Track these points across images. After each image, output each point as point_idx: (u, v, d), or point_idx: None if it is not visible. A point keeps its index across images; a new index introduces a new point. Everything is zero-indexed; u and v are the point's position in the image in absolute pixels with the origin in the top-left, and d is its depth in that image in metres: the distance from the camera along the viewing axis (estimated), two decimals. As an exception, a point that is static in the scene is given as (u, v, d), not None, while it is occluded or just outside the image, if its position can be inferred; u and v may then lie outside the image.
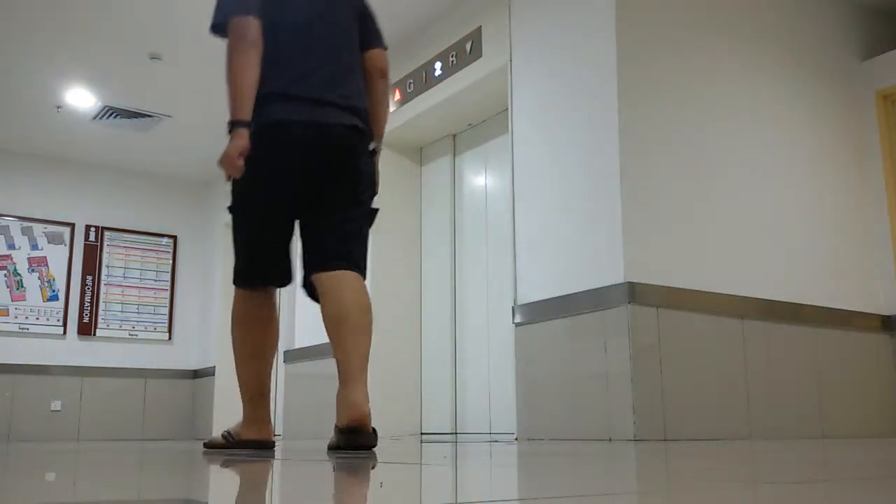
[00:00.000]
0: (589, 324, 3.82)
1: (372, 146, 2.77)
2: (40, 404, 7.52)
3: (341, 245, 2.63)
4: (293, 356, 6.54)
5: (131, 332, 8.07)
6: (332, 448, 2.50)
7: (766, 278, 4.22)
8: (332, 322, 2.61)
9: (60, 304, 7.82)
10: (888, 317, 4.68)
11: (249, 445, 2.65)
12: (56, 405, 7.61)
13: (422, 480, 1.59)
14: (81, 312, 7.89)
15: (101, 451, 3.54)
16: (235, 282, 2.74)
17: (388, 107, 2.88)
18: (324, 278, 2.62)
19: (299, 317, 6.61)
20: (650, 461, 2.07)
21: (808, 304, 4.36)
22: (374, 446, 2.45)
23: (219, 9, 2.65)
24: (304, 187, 2.63)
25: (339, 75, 2.67)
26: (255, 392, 2.70)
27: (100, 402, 7.76)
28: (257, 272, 2.71)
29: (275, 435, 2.71)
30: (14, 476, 1.80)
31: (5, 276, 7.64)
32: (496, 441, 4.18)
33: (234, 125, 2.49)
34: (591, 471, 1.73)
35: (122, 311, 8.06)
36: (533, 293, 4.19)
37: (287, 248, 2.72)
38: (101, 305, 7.97)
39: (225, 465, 2.10)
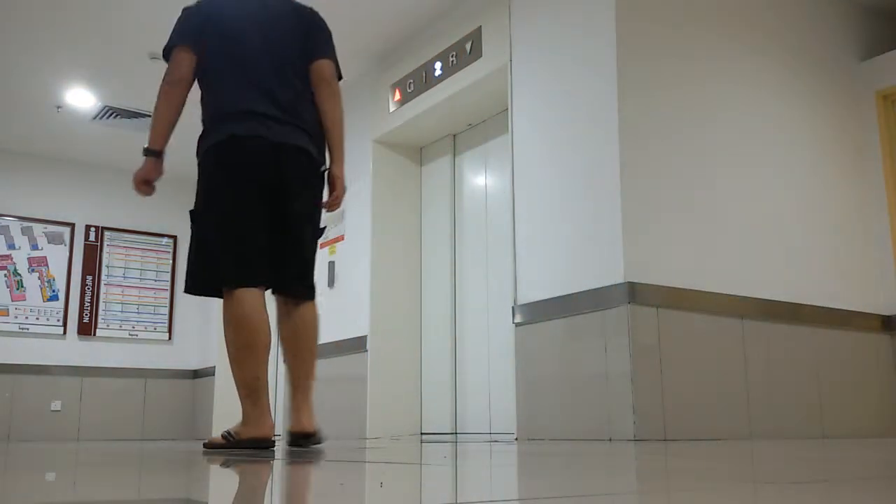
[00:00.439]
0: (589, 324, 3.82)
1: (324, 167, 2.94)
2: (40, 404, 7.52)
3: (304, 276, 2.92)
4: (293, 356, 6.54)
5: (131, 332, 8.07)
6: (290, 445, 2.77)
7: (766, 278, 4.22)
8: (293, 344, 2.87)
9: (60, 304, 7.82)
10: (888, 317, 4.68)
11: (248, 444, 2.67)
12: (56, 405, 7.61)
13: (422, 480, 1.59)
14: (81, 312, 7.89)
15: (101, 451, 3.54)
16: (194, 290, 2.85)
17: (336, 113, 2.92)
18: (290, 307, 2.88)
19: (299, 317, 6.61)
20: (650, 461, 2.07)
21: (808, 304, 4.36)
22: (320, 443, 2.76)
23: (169, 38, 2.91)
24: (260, 195, 2.77)
25: (283, 92, 2.82)
26: (251, 389, 2.72)
27: (100, 402, 7.76)
28: (240, 272, 2.75)
29: (275, 434, 2.79)
30: (14, 476, 1.80)
31: (5, 276, 7.64)
32: (496, 441, 4.17)
33: (145, 152, 2.84)
34: (591, 471, 1.73)
35: (122, 311, 8.06)
36: (533, 293, 4.19)
37: (264, 253, 2.80)
38: (101, 305, 7.97)
39: (224, 464, 2.10)
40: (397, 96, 5.58)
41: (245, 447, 2.66)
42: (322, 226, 3.00)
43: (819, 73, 4.84)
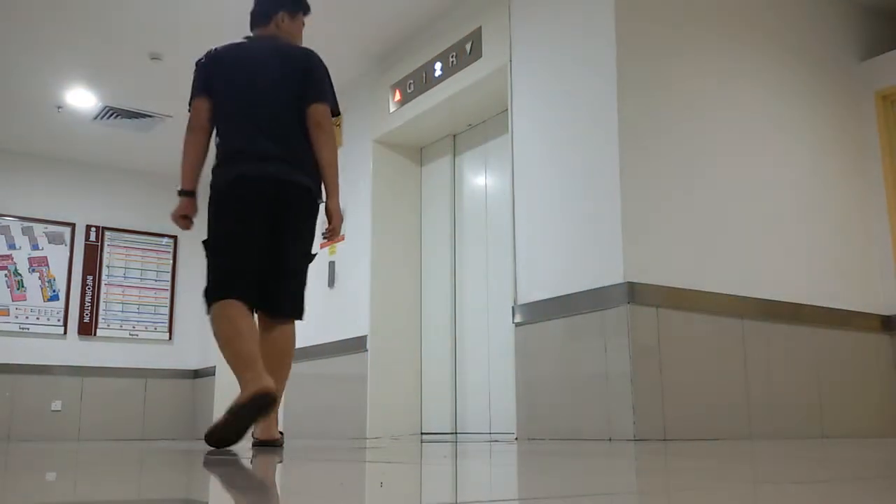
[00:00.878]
0: (589, 324, 3.82)
1: (321, 200, 3.25)
2: (40, 404, 7.53)
3: (293, 299, 3.17)
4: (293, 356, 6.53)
5: (131, 332, 8.07)
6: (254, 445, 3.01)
7: (766, 278, 4.22)
8: (269, 359, 2.96)
9: (61, 304, 7.82)
10: (888, 317, 4.68)
11: (250, 401, 2.76)
12: (56, 405, 7.61)
13: (422, 480, 1.59)
14: (82, 312, 7.89)
15: (101, 450, 3.54)
16: (214, 296, 3.03)
17: (330, 153, 3.21)
18: (270, 325, 3.12)
19: (299, 317, 6.61)
20: (650, 461, 2.07)
21: (808, 304, 4.36)
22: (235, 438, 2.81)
23: (190, 93, 3.24)
24: (260, 227, 3.09)
25: (282, 134, 3.13)
26: (244, 360, 2.86)
27: (100, 402, 7.76)
28: (233, 288, 3.03)
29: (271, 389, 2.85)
30: (14, 476, 1.80)
31: (6, 276, 7.64)
32: (496, 441, 4.17)
33: (180, 193, 3.21)
34: (591, 471, 1.73)
35: (122, 311, 8.06)
36: (533, 293, 4.19)
37: (257, 278, 3.09)
38: (102, 305, 7.97)
39: (224, 465, 2.10)
40: (397, 96, 5.58)
41: (248, 405, 2.75)
42: (314, 252, 3.29)
43: (819, 73, 4.84)
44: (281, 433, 3.15)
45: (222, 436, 2.79)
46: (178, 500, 1.28)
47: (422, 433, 5.53)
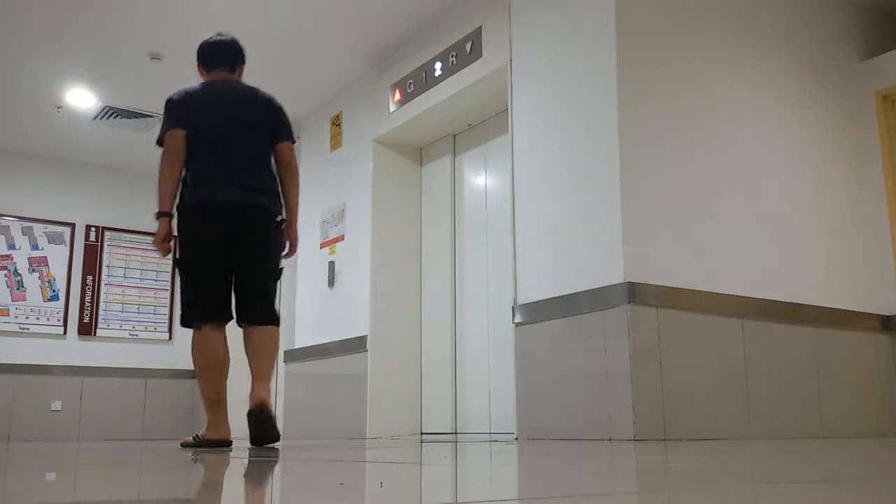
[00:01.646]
0: (589, 324, 3.82)
1: (280, 218, 3.57)
2: (40, 404, 7.52)
3: (265, 306, 3.47)
4: (293, 356, 6.54)
5: (131, 332, 8.07)
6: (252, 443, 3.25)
7: (766, 278, 4.22)
8: (252, 350, 3.39)
9: (61, 304, 7.82)
10: (888, 317, 4.68)
11: (212, 444, 3.30)
12: (56, 405, 7.61)
13: (422, 480, 1.59)
14: (82, 312, 7.89)
15: (101, 450, 3.54)
16: (189, 324, 3.43)
17: (296, 186, 3.64)
18: (253, 328, 3.44)
19: (299, 317, 6.62)
20: (650, 461, 2.07)
21: (808, 304, 4.36)
22: (276, 435, 3.24)
23: (161, 128, 3.55)
24: (229, 247, 3.42)
25: (249, 164, 3.49)
26: (213, 402, 3.36)
27: (100, 402, 7.76)
28: (207, 313, 3.39)
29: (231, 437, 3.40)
30: (14, 476, 1.80)
31: (6, 276, 7.64)
32: (496, 441, 4.18)
33: (158, 215, 3.46)
34: (591, 471, 1.73)
35: (122, 311, 8.06)
36: (533, 293, 4.19)
37: (227, 295, 3.47)
38: (102, 305, 7.97)
39: (225, 464, 2.10)
40: (397, 96, 5.58)
41: (210, 446, 3.27)
42: (281, 267, 3.60)
43: (819, 73, 4.84)
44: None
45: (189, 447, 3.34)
46: (179, 500, 1.28)
47: (422, 433, 5.53)
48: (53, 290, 7.81)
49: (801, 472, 1.62)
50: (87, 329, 7.88)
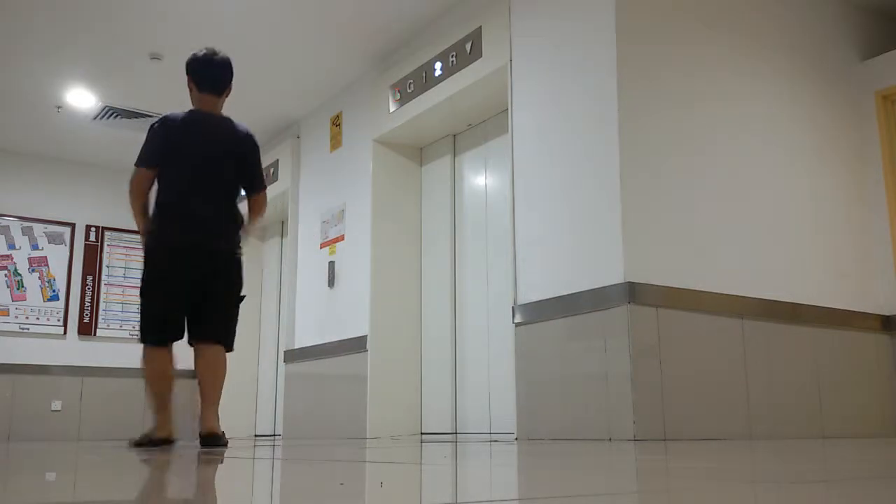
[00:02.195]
0: (589, 324, 3.82)
1: (239, 254, 3.80)
2: (40, 404, 7.52)
3: (220, 328, 3.76)
4: (293, 356, 6.54)
5: (131, 332, 8.06)
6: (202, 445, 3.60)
7: (766, 278, 4.22)
8: (206, 370, 3.74)
9: (61, 304, 7.82)
10: (888, 317, 4.68)
11: (159, 442, 3.58)
12: (56, 405, 7.60)
13: (422, 480, 1.59)
14: (82, 312, 7.89)
15: (100, 450, 3.55)
16: (143, 340, 3.70)
17: (263, 212, 3.96)
18: (203, 346, 3.75)
19: (299, 317, 6.62)
20: (650, 461, 2.07)
21: (808, 304, 4.36)
22: (225, 445, 3.62)
23: (140, 152, 3.75)
24: (193, 287, 3.67)
25: (217, 207, 3.72)
26: (159, 406, 3.67)
27: (100, 402, 7.76)
28: (161, 334, 3.69)
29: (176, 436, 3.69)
30: (14, 476, 1.80)
31: (6, 276, 7.64)
32: (496, 441, 4.18)
33: (141, 235, 3.78)
34: (591, 471, 1.73)
35: (122, 311, 8.06)
36: (533, 293, 4.19)
37: (179, 323, 3.72)
38: (102, 305, 7.97)
39: (225, 464, 2.10)
40: (397, 96, 5.58)
41: (157, 444, 3.55)
42: (242, 294, 3.84)
43: (819, 73, 4.84)
44: (223, 432, 3.71)
45: (138, 445, 3.59)
46: (179, 500, 1.28)
47: (422, 433, 5.53)
48: (53, 290, 7.81)
49: (801, 472, 1.62)
50: (87, 329, 7.88)
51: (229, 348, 3.78)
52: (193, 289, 3.67)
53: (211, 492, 1.45)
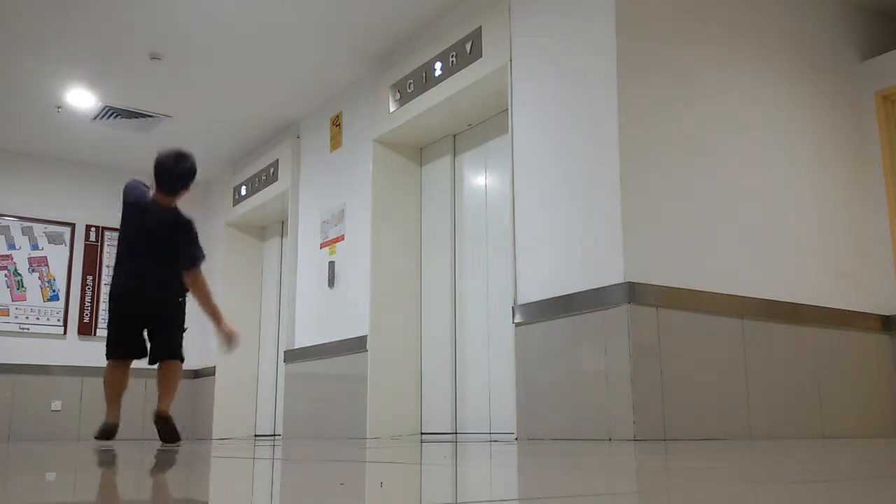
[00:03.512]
0: (589, 324, 3.82)
1: (182, 299, 4.61)
2: (40, 404, 7.52)
3: (173, 347, 4.63)
4: (293, 356, 6.54)
5: (131, 332, 8.06)
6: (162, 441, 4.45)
7: (766, 278, 4.22)
8: (163, 377, 4.62)
9: (61, 304, 7.82)
10: (888, 317, 4.68)
11: (106, 426, 4.42)
12: (56, 405, 7.60)
13: (422, 480, 1.59)
14: (82, 312, 7.89)
15: (100, 450, 3.54)
16: (107, 353, 4.54)
17: (208, 296, 4.63)
18: (163, 361, 4.61)
19: (299, 317, 6.62)
20: (650, 461, 2.07)
21: (808, 304, 4.36)
22: (176, 437, 4.46)
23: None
24: (136, 316, 4.50)
25: (158, 261, 4.43)
26: (110, 401, 4.52)
27: (100, 402, 7.70)
28: (112, 354, 4.53)
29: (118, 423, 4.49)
30: (14, 476, 1.80)
31: (6, 276, 7.64)
32: (496, 441, 4.18)
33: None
34: (591, 471, 1.73)
35: (122, 311, 8.05)
36: (533, 293, 4.19)
37: (133, 344, 4.55)
38: (102, 305, 7.97)
39: (226, 464, 2.10)
40: (397, 96, 5.58)
41: (104, 427, 4.41)
42: (185, 327, 4.71)
43: (819, 73, 4.84)
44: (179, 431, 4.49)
45: (99, 437, 4.42)
46: (179, 499, 1.28)
47: (422, 433, 5.53)
48: (53, 290, 7.81)
49: (801, 472, 1.62)
50: (87, 329, 7.88)
51: (181, 360, 4.68)
52: (146, 322, 4.54)
53: (211, 492, 1.45)
